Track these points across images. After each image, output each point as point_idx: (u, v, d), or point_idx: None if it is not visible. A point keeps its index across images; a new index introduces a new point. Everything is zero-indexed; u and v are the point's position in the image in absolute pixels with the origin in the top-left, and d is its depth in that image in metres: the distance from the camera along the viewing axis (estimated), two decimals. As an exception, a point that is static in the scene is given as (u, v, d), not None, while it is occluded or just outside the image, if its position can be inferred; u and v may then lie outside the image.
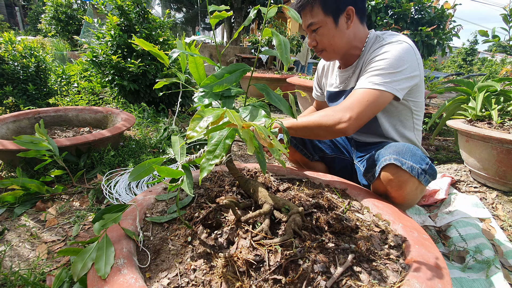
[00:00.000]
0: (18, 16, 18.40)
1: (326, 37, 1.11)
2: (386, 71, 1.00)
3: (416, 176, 0.91)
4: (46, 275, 0.96)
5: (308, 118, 1.06)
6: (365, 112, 0.99)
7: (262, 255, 0.66)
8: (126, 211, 0.86)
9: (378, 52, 1.06)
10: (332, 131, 1.02)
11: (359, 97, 1.00)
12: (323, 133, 1.05)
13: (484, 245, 1.14)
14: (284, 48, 0.61)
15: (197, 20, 15.81)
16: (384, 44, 1.06)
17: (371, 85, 1.00)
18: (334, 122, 1.00)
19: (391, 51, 1.02)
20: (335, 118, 1.00)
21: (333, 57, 1.21)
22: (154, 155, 2.04)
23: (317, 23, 1.09)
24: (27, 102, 2.79)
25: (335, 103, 1.35)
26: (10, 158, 1.61)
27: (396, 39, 1.06)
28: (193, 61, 0.73)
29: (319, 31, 1.11)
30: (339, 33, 1.10)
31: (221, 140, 0.56)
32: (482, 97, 1.82)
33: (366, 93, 1.00)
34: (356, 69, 1.20)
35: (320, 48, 1.17)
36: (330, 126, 1.00)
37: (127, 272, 0.62)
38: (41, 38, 7.43)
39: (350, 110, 0.99)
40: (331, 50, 1.15)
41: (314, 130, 1.05)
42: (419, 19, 3.17)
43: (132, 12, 2.86)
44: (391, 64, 1.00)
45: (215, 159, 0.54)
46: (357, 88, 1.05)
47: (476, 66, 11.14)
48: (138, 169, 0.62)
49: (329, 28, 1.09)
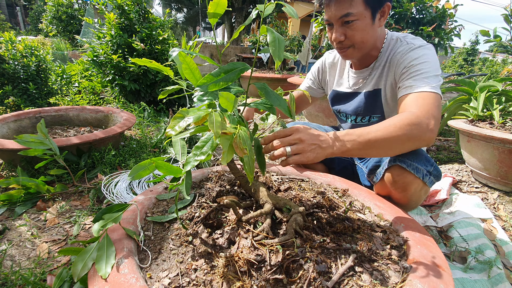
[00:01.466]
0: (19, 16, 18.45)
1: (361, 32, 1.02)
2: (433, 74, 0.96)
3: (421, 177, 0.90)
4: (47, 275, 0.96)
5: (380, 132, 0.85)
6: (439, 117, 0.89)
7: (263, 255, 0.65)
8: (127, 211, 0.86)
9: (414, 56, 1.00)
10: (420, 144, 0.88)
11: (429, 101, 0.90)
12: (408, 146, 0.88)
13: (485, 246, 1.14)
14: (278, 44, 0.60)
15: (197, 20, 15.82)
16: (416, 47, 1.02)
17: (429, 88, 0.93)
18: (424, 132, 0.85)
19: (428, 55, 0.99)
20: (424, 128, 0.85)
21: (356, 56, 1.11)
22: (155, 154, 2.04)
23: (355, 15, 0.98)
24: (27, 101, 2.79)
25: (344, 104, 1.30)
26: (11, 157, 1.61)
27: (423, 42, 1.04)
28: (187, 67, 0.71)
29: (355, 25, 1.00)
30: (372, 29, 1.03)
31: (211, 138, 0.56)
32: (484, 97, 1.82)
33: (430, 96, 0.91)
34: (373, 71, 1.16)
35: (348, 43, 1.06)
36: (421, 137, 0.85)
37: (128, 272, 0.62)
38: (42, 38, 7.44)
39: (431, 117, 0.86)
40: (360, 47, 1.06)
41: (394, 145, 0.86)
42: (420, 19, 3.16)
43: (132, 12, 2.86)
44: (433, 67, 0.96)
45: (201, 155, 0.54)
46: (416, 92, 0.94)
47: (477, 66, 11.12)
48: (137, 168, 0.62)
49: (366, 23, 1.01)
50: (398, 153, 0.91)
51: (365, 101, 1.19)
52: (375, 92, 1.16)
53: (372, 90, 1.17)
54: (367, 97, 1.19)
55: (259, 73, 4.67)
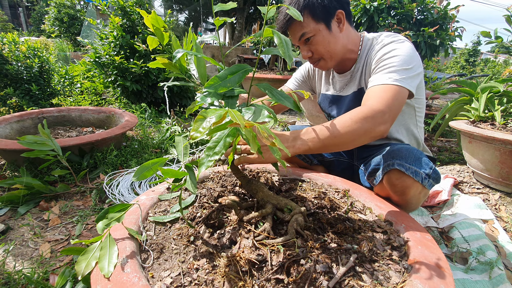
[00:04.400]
0: (21, 17, 18.54)
1: (321, 44, 1.08)
2: (401, 67, 0.96)
3: (420, 181, 0.89)
4: (50, 274, 0.97)
5: (337, 127, 0.88)
6: (396, 109, 0.91)
7: (265, 255, 0.66)
8: (129, 211, 0.86)
9: (385, 51, 1.03)
10: (374, 135, 0.89)
11: (387, 94, 0.92)
12: (364, 139, 0.90)
13: (487, 247, 1.14)
14: (286, 46, 0.62)
15: (199, 21, 15.86)
16: (387, 43, 1.05)
17: (391, 81, 0.94)
18: (377, 124, 0.88)
19: (400, 49, 1.00)
20: (378, 121, 0.88)
21: (330, 65, 1.16)
22: (156, 155, 2.05)
23: (309, 32, 1.05)
24: (30, 102, 2.80)
25: (334, 107, 1.32)
26: (13, 157, 1.62)
27: (397, 38, 1.05)
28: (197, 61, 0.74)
29: (313, 40, 1.07)
30: (333, 38, 1.08)
31: (222, 138, 0.56)
32: (485, 98, 1.82)
33: (391, 89, 0.93)
34: (354, 74, 1.19)
35: (316, 57, 1.13)
36: (373, 130, 0.88)
37: (130, 271, 0.62)
38: (44, 38, 7.47)
39: (386, 108, 0.89)
40: (329, 57, 1.11)
41: (350, 138, 0.88)
42: (422, 20, 3.16)
43: (134, 13, 2.88)
44: (404, 61, 0.97)
45: (214, 155, 0.54)
46: (377, 85, 0.96)
47: (479, 67, 11.10)
48: (142, 168, 0.63)
49: (323, 35, 1.06)
50: (357, 146, 0.93)
51: (353, 102, 1.21)
52: (360, 91, 1.18)
53: (357, 90, 1.19)
54: (353, 98, 1.21)
55: (260, 74, 4.68)
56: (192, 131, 0.48)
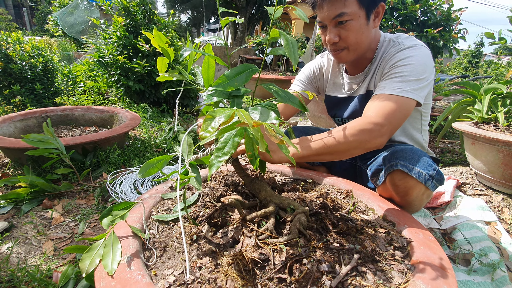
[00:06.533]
0: (25, 16, 18.66)
1: (355, 33, 0.99)
2: (412, 78, 0.94)
3: (423, 182, 0.89)
4: (53, 272, 0.97)
5: (334, 137, 0.89)
6: (397, 121, 0.91)
7: (267, 254, 0.66)
8: (133, 209, 0.87)
9: (400, 57, 0.99)
10: (369, 147, 0.90)
11: (390, 106, 0.91)
12: (358, 151, 0.92)
13: (489, 248, 1.13)
14: (292, 47, 0.62)
15: (202, 22, 15.89)
16: (403, 49, 1.00)
17: (398, 92, 0.92)
18: (374, 137, 0.88)
19: (415, 57, 0.97)
20: (375, 134, 0.88)
21: (351, 57, 1.08)
22: (159, 154, 2.05)
23: (349, 15, 0.95)
24: (34, 101, 2.82)
25: (340, 109, 1.29)
26: (17, 156, 1.64)
27: (415, 43, 1.01)
28: (207, 62, 0.74)
29: (348, 25, 0.97)
30: (367, 30, 1.00)
31: (231, 138, 0.57)
32: (488, 99, 1.81)
33: (396, 100, 0.92)
34: (368, 75, 1.14)
35: (342, 45, 1.03)
36: (369, 142, 0.89)
37: (134, 269, 0.63)
38: (48, 38, 7.52)
39: (385, 121, 0.89)
40: (354, 48, 1.03)
41: (345, 149, 0.89)
42: (425, 21, 3.16)
43: (138, 13, 2.89)
44: (416, 70, 0.95)
45: (224, 156, 0.55)
46: (383, 93, 0.95)
47: (482, 69, 11.06)
48: (147, 165, 0.64)
49: (360, 23, 0.98)
50: (350, 156, 0.94)
51: (359, 104, 1.18)
52: (368, 94, 1.15)
53: (365, 92, 1.16)
54: (361, 100, 1.18)
55: (263, 74, 4.70)
56: (201, 130, 0.48)
